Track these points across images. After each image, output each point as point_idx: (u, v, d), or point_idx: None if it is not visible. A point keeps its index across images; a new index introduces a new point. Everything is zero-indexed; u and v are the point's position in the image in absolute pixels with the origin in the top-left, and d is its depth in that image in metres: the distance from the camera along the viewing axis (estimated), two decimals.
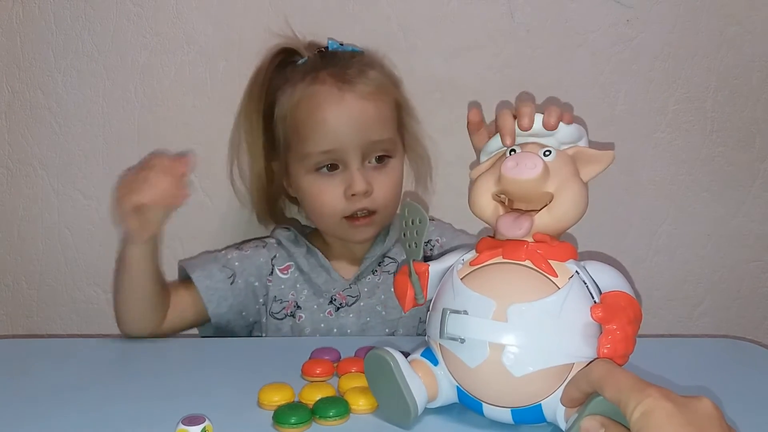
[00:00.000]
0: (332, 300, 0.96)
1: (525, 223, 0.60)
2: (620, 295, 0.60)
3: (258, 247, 0.98)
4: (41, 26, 1.06)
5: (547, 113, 0.65)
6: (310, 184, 0.92)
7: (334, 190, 0.90)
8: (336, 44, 0.97)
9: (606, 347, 0.57)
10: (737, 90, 1.09)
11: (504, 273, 0.61)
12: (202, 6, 1.06)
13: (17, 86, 1.09)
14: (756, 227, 1.14)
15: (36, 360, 0.79)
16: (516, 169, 0.60)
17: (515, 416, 0.59)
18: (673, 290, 1.16)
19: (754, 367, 0.80)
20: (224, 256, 0.96)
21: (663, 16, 1.07)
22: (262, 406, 0.66)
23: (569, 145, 0.66)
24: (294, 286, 0.97)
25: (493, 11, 1.06)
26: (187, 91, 1.08)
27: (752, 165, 1.12)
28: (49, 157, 1.10)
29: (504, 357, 0.57)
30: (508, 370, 0.57)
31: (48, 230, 1.13)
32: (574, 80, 1.08)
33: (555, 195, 0.61)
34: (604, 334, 0.58)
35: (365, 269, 0.97)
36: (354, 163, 0.89)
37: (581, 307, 0.59)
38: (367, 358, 0.63)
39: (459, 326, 0.59)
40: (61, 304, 1.15)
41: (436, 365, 0.62)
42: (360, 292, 0.96)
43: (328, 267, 0.97)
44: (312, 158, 0.90)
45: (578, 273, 0.60)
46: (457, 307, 0.60)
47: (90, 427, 0.63)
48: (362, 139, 0.89)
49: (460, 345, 0.59)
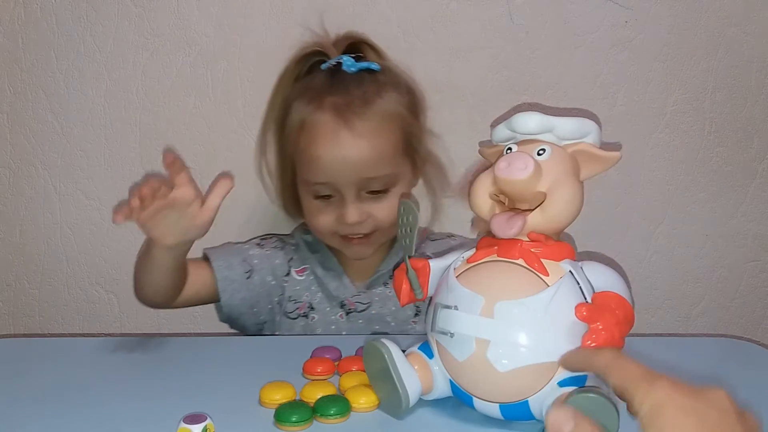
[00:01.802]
0: (342, 305, 0.97)
1: (517, 223, 0.60)
2: (611, 296, 0.60)
3: (277, 249, 1.00)
4: (43, 27, 1.07)
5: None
6: (309, 204, 0.93)
7: (329, 216, 0.91)
8: (350, 62, 0.93)
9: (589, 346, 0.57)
10: (735, 91, 1.10)
11: (495, 271, 0.61)
12: (203, 7, 1.06)
13: (19, 87, 1.09)
14: (754, 227, 1.15)
15: (37, 359, 0.79)
16: (507, 170, 0.61)
17: (504, 412, 0.60)
18: (671, 290, 1.16)
19: (753, 366, 0.80)
20: (246, 251, 0.98)
21: (661, 17, 1.07)
22: (263, 405, 0.66)
23: (571, 141, 0.64)
24: (309, 288, 0.98)
25: (492, 12, 1.06)
26: (188, 91, 1.08)
27: (750, 165, 1.13)
28: (51, 157, 1.11)
29: (488, 352, 0.58)
30: (493, 366, 0.58)
31: (50, 230, 1.13)
32: (573, 81, 1.09)
33: (548, 194, 0.61)
34: (588, 332, 0.57)
35: (376, 279, 0.98)
36: (349, 196, 0.89)
37: (569, 306, 0.58)
38: (365, 349, 0.65)
39: (448, 321, 0.61)
40: (63, 303, 1.16)
41: (431, 358, 0.64)
42: (371, 300, 0.97)
43: (340, 273, 0.98)
44: (309, 185, 0.91)
45: (572, 273, 0.60)
46: (449, 302, 0.61)
47: (91, 427, 0.63)
48: (356, 176, 0.88)
49: (449, 339, 0.61)
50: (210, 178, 1.10)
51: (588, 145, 0.64)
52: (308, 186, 0.91)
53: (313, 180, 0.90)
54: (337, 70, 0.93)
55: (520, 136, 0.66)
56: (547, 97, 1.08)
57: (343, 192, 0.89)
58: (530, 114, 0.64)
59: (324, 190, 0.90)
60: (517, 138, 0.66)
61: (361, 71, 0.93)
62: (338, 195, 0.90)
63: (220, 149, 1.10)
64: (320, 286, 0.98)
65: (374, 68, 0.94)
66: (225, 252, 0.97)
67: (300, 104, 0.91)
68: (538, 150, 0.62)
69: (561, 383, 0.58)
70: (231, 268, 0.94)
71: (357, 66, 0.93)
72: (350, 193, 0.89)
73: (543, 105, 1.08)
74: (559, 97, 1.08)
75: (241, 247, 0.99)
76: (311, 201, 0.92)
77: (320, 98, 0.89)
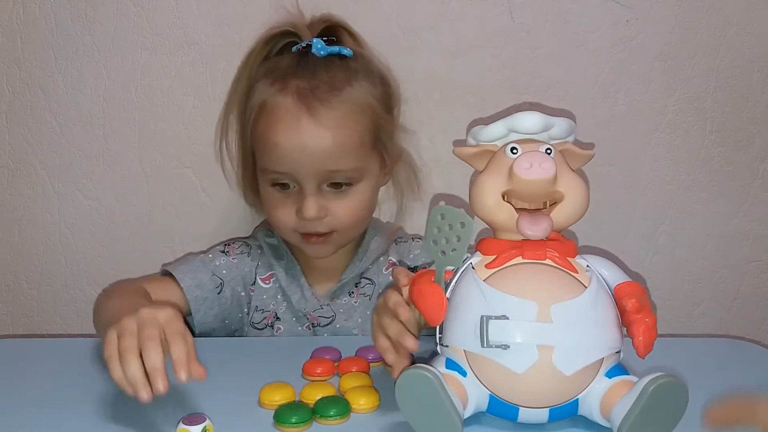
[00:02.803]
0: (306, 317, 0.94)
1: (544, 223, 0.61)
2: (634, 285, 0.64)
3: (243, 254, 0.95)
4: (42, 26, 1.06)
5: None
6: (267, 195, 0.89)
7: (287, 208, 0.87)
8: (320, 44, 0.88)
9: (641, 336, 0.60)
10: (737, 90, 1.10)
11: (533, 273, 0.61)
12: (202, 6, 1.06)
13: (18, 86, 1.09)
14: (755, 227, 1.14)
15: (36, 360, 0.79)
16: (531, 170, 0.61)
17: (552, 414, 0.60)
18: (672, 290, 1.16)
19: (754, 367, 0.80)
20: (212, 262, 0.93)
21: (662, 17, 1.07)
22: (262, 406, 0.66)
23: (559, 140, 0.67)
24: (275, 297, 0.95)
25: (492, 12, 1.06)
26: (187, 91, 1.08)
27: (751, 165, 1.12)
28: (50, 157, 1.10)
29: (555, 358, 0.57)
30: (560, 371, 0.57)
31: (48, 230, 1.13)
32: (574, 80, 1.08)
33: (565, 193, 0.62)
34: (636, 323, 0.61)
35: (340, 288, 0.94)
36: (308, 188, 0.84)
37: (607, 300, 0.61)
38: (404, 377, 0.58)
39: (502, 332, 0.57)
40: (62, 303, 1.16)
41: (465, 376, 0.60)
42: (335, 312, 0.94)
43: (303, 285, 0.94)
44: (268, 173, 0.86)
45: (589, 267, 0.63)
46: (494, 312, 0.58)
47: (90, 427, 0.63)
48: (317, 167, 0.83)
49: (503, 352, 0.57)
50: (209, 178, 1.10)
51: (571, 144, 0.67)
52: (266, 174, 0.86)
53: (270, 168, 0.85)
54: (306, 52, 0.88)
55: (516, 135, 0.66)
56: (547, 96, 1.08)
57: (302, 183, 0.84)
58: (532, 113, 0.65)
59: (282, 179, 0.85)
60: (512, 137, 0.66)
61: (331, 56, 0.88)
62: (297, 186, 0.85)
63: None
64: (284, 296, 0.94)
65: (346, 53, 0.88)
66: (191, 268, 0.91)
67: (263, 85, 0.86)
68: (546, 149, 0.63)
69: (608, 374, 0.60)
70: (201, 287, 0.89)
71: (327, 50, 0.88)
72: (310, 185, 0.84)
73: (541, 105, 1.07)
74: (560, 96, 1.08)
75: (205, 258, 0.93)
76: (269, 191, 0.87)
77: (284, 80, 0.85)
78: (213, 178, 1.09)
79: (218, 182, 1.08)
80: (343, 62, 0.88)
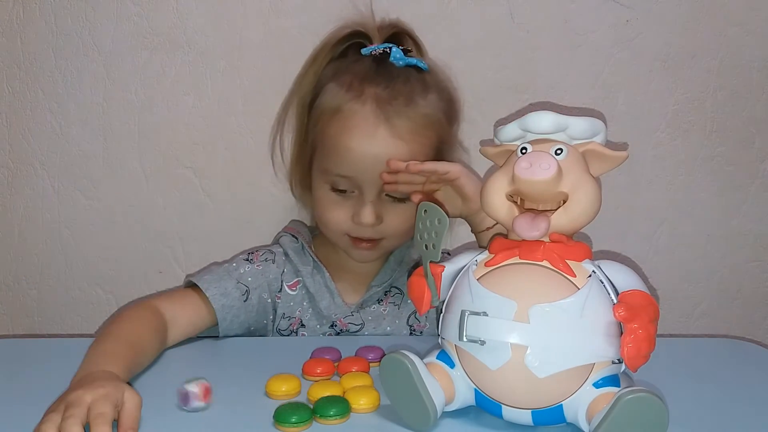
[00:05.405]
0: (333, 325, 0.93)
1: (542, 224, 0.60)
2: (639, 294, 0.60)
3: (268, 261, 0.93)
4: (42, 27, 1.06)
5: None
6: (323, 195, 0.89)
7: (343, 211, 0.87)
8: (400, 54, 0.88)
9: (628, 346, 0.57)
10: (737, 90, 1.10)
11: (523, 273, 0.60)
12: (202, 6, 1.06)
13: (18, 86, 1.09)
14: (756, 227, 1.14)
15: (36, 360, 0.79)
16: (530, 170, 0.60)
17: (535, 418, 0.59)
18: (672, 290, 1.16)
19: (754, 367, 0.80)
20: (236, 270, 0.91)
21: (663, 17, 1.07)
22: (269, 395, 0.68)
23: (581, 141, 0.64)
24: (301, 303, 0.94)
25: (492, 12, 1.06)
26: (187, 91, 1.08)
27: (752, 165, 1.12)
28: (50, 157, 1.10)
29: (527, 358, 0.57)
30: (532, 372, 0.57)
31: (48, 230, 1.13)
32: (574, 80, 1.08)
33: (570, 194, 0.61)
34: (626, 333, 0.57)
35: (370, 297, 0.94)
36: (369, 195, 0.85)
37: (601, 307, 0.59)
38: (384, 362, 0.62)
39: (479, 328, 0.58)
40: (62, 303, 1.15)
41: (453, 368, 0.62)
42: (364, 320, 0.93)
43: (332, 290, 0.93)
44: (329, 175, 0.86)
45: (595, 272, 0.60)
46: (476, 308, 0.59)
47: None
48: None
49: (480, 347, 0.58)
50: (209, 178, 1.10)
51: (597, 144, 0.64)
52: (327, 175, 0.87)
53: (335, 171, 0.85)
54: (382, 59, 0.88)
55: (531, 135, 0.65)
56: (548, 96, 1.08)
57: (363, 189, 0.85)
58: (545, 113, 0.64)
59: (343, 183, 0.86)
60: (528, 137, 0.65)
61: (408, 66, 0.89)
62: (357, 192, 0.86)
63: (220, 149, 1.09)
64: (311, 303, 0.93)
65: (422, 67, 0.90)
66: (215, 277, 0.88)
67: (335, 87, 0.87)
68: (556, 149, 0.62)
69: (596, 384, 0.58)
70: (227, 295, 0.87)
71: (406, 60, 0.88)
72: (371, 192, 0.85)
73: (552, 104, 1.07)
74: (560, 96, 1.08)
75: (229, 267, 0.91)
76: (326, 192, 0.88)
77: (362, 87, 0.85)
78: (213, 178, 1.09)
79: (218, 182, 1.08)
80: (419, 75, 0.89)
